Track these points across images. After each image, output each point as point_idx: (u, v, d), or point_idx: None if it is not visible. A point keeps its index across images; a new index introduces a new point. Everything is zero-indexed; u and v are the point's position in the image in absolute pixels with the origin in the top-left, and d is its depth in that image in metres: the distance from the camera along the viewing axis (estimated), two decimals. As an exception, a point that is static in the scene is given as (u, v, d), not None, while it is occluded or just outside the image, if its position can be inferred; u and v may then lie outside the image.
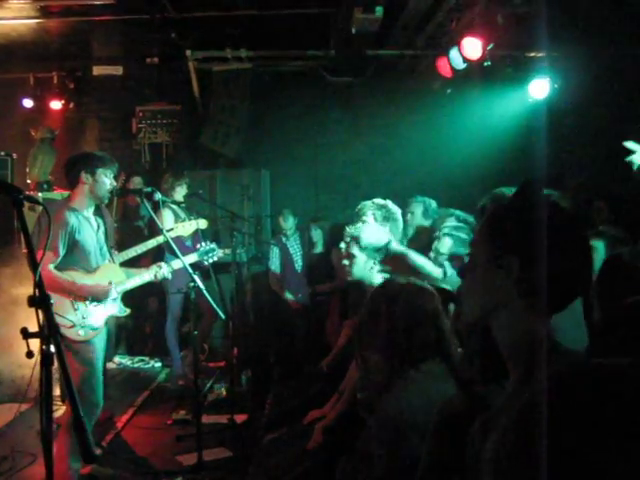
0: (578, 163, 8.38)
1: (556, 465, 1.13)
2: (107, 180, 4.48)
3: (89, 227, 4.52)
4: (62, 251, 4.29)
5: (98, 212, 5.04)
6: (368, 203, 4.70)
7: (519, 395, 1.34)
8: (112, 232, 6.47)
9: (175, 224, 6.40)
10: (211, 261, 5.61)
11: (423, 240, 5.33)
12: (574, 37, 7.30)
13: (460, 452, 1.51)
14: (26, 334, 2.03)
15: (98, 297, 4.46)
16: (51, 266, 4.22)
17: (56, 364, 2.03)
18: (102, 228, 4.71)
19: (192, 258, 5.40)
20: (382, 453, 2.60)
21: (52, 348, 2.01)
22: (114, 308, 4.64)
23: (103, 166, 4.46)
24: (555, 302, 1.46)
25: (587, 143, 8.35)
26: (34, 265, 2.16)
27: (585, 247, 1.49)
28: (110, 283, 4.54)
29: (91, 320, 4.44)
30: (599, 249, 3.99)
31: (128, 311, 4.81)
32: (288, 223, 7.80)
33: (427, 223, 5.94)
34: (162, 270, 4.82)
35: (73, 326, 4.34)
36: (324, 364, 5.09)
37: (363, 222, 4.42)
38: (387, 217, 4.58)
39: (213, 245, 5.51)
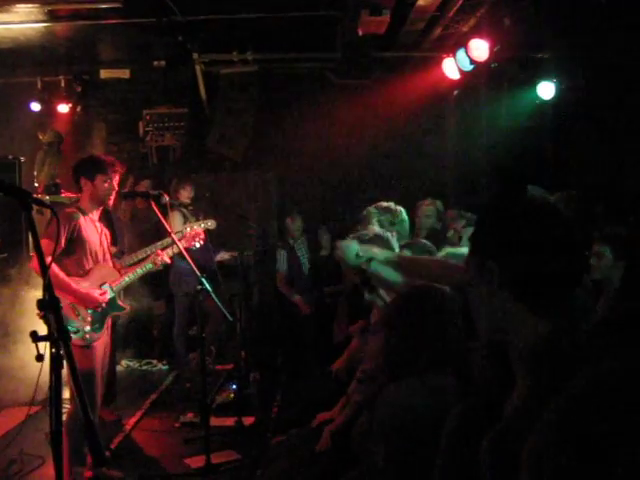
0: (584, 164, 8.36)
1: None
2: (106, 185, 4.50)
3: (94, 229, 4.56)
4: (64, 243, 4.31)
5: (107, 216, 5.06)
6: (372, 209, 4.67)
7: (530, 408, 1.33)
8: (122, 235, 6.49)
9: (184, 225, 6.42)
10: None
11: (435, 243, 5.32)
12: (581, 38, 7.29)
13: (472, 465, 1.49)
14: (35, 337, 2.03)
15: (87, 305, 4.44)
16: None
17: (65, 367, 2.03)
18: (105, 232, 4.75)
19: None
20: (380, 451, 2.59)
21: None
22: (114, 308, 4.65)
23: (101, 172, 4.48)
24: (552, 300, 1.44)
25: (593, 144, 8.33)
26: (43, 269, 2.15)
27: (569, 240, 1.47)
28: (104, 285, 4.55)
29: (92, 325, 4.45)
30: (606, 254, 3.96)
31: (127, 308, 4.82)
32: (296, 224, 7.80)
33: (439, 226, 5.94)
34: (160, 257, 4.79)
35: (77, 331, 4.35)
36: (335, 370, 5.03)
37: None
38: (393, 222, 4.55)
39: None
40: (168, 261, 4.91)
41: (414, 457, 2.43)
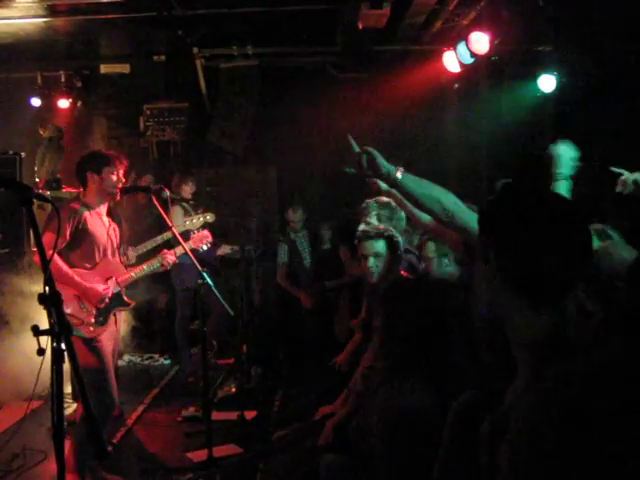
0: (586, 157, 8.33)
1: (570, 464, 1.12)
2: (114, 178, 4.52)
3: (101, 223, 4.55)
4: (69, 236, 4.33)
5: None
6: (372, 203, 4.66)
7: (526, 395, 1.33)
8: (123, 230, 6.48)
9: (184, 219, 6.42)
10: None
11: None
12: (582, 31, 7.27)
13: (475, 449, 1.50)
14: (37, 331, 2.03)
15: (90, 299, 4.44)
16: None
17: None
18: (113, 227, 4.74)
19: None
20: (380, 447, 2.59)
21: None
22: (119, 303, 4.65)
23: (108, 165, 4.50)
24: (552, 297, 1.43)
25: (594, 138, 8.31)
26: (44, 263, 2.15)
27: (573, 236, 1.46)
28: (110, 280, 4.55)
29: (97, 318, 4.45)
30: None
31: (133, 303, 4.82)
32: (297, 215, 7.78)
33: None
34: (168, 258, 4.81)
35: (81, 323, 4.35)
36: (338, 363, 5.02)
37: (367, 223, 4.38)
38: (391, 217, 4.55)
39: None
40: (175, 261, 4.91)
41: (413, 454, 2.43)
